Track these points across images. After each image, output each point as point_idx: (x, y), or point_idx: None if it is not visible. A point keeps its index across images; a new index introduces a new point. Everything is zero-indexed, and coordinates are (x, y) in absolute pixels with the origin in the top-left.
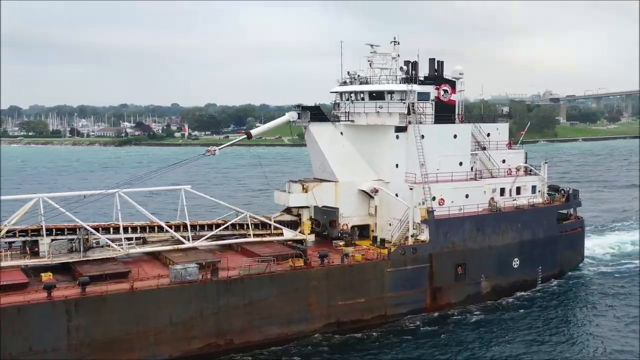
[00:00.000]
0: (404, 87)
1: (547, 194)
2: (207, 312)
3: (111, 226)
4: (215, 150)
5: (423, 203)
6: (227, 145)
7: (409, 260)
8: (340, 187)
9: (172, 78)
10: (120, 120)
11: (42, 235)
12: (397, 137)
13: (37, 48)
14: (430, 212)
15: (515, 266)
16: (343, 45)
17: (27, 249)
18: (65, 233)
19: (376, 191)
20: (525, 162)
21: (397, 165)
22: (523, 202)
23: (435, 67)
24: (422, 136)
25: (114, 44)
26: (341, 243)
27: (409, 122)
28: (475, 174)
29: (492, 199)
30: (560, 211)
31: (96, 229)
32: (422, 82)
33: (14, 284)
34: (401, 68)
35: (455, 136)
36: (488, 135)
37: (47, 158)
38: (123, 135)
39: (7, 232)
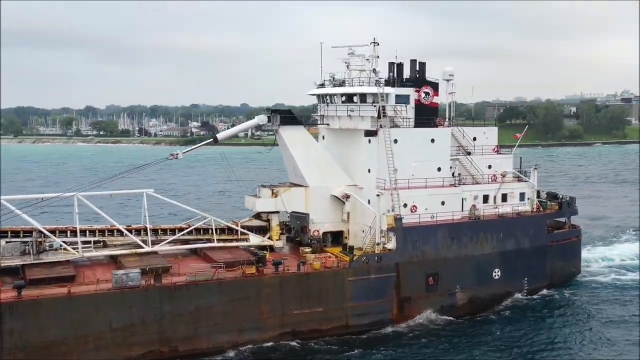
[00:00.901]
0: (374, 89)
1: (539, 201)
2: (149, 319)
3: (69, 229)
4: (177, 154)
5: (393, 210)
6: (192, 149)
7: (373, 269)
8: (310, 192)
9: (244, 79)
10: (189, 120)
11: None
12: (369, 141)
13: (120, 50)
14: (397, 219)
15: (496, 277)
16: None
17: None
18: (22, 235)
19: (348, 197)
20: (520, 168)
21: (369, 171)
22: (507, 209)
23: (417, 69)
24: (395, 140)
25: (189, 44)
26: (307, 250)
27: (381, 126)
28: (456, 180)
29: (474, 206)
30: (558, 219)
31: (53, 231)
32: (402, 85)
33: None
34: (374, 70)
35: (432, 140)
36: (474, 139)
37: (117, 157)
38: (188, 134)
39: None
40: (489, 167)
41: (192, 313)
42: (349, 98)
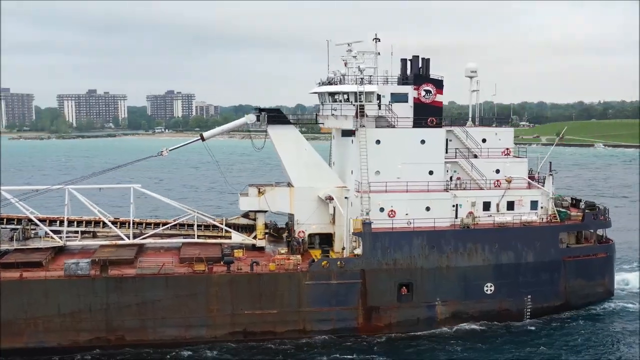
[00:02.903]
0: (354, 88)
1: (558, 211)
2: (95, 307)
3: (59, 219)
4: (163, 152)
5: (367, 214)
6: (179, 147)
7: (335, 275)
8: (295, 192)
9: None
10: None
11: None
12: (352, 141)
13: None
14: (366, 223)
15: (489, 292)
16: None
17: None
18: (15, 223)
19: (331, 199)
20: (550, 172)
21: (352, 172)
22: (507, 218)
23: (420, 65)
24: (378, 141)
25: (403, 42)
26: (283, 251)
27: (362, 125)
28: (449, 185)
29: (471, 213)
30: (590, 231)
31: (44, 220)
32: (404, 82)
33: None
34: (358, 67)
35: (422, 141)
36: (483, 141)
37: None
38: None
39: None
40: (497, 171)
41: (139, 305)
42: (332, 97)
